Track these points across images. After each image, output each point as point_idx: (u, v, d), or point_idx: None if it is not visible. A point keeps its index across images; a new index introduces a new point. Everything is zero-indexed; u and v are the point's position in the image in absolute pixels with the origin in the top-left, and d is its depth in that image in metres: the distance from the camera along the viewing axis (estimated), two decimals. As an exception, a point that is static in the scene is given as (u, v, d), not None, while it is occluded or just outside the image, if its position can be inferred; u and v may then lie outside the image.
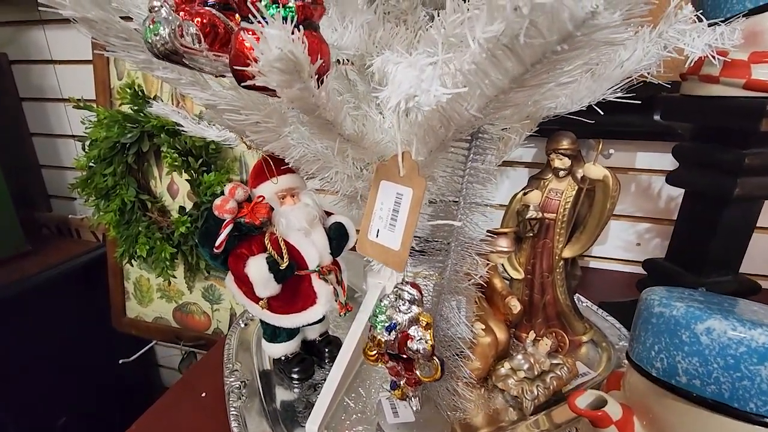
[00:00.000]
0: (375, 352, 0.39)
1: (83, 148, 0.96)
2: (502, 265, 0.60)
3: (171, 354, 1.27)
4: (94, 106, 0.95)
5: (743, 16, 0.46)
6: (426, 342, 0.36)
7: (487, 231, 0.51)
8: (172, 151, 0.88)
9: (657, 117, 0.68)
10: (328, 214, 0.58)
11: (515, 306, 0.54)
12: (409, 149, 0.33)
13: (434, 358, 0.37)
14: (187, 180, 0.92)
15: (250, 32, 0.26)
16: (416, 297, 0.37)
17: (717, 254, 0.57)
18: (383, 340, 0.37)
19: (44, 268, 1.05)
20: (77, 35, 1.06)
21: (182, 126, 0.60)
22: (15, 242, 1.08)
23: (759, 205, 0.56)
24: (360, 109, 0.58)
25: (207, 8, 0.31)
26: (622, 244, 0.88)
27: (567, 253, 0.58)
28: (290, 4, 0.26)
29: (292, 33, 0.22)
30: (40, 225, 1.28)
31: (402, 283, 0.37)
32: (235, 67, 0.27)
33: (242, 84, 0.28)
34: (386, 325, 0.37)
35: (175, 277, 1.04)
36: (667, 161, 0.79)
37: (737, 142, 0.51)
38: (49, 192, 1.29)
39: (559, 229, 0.57)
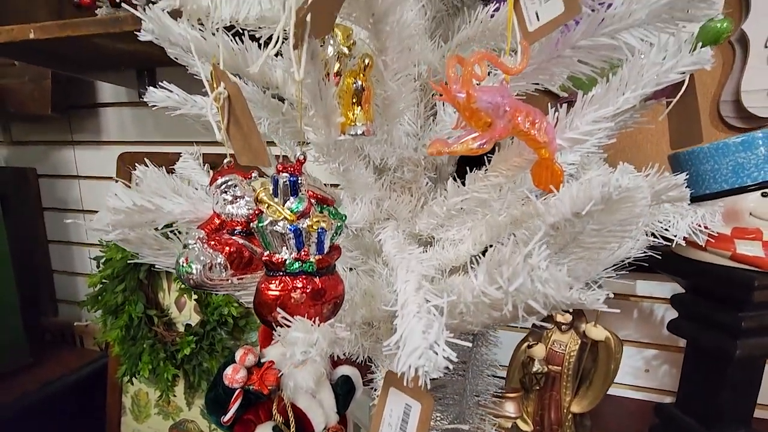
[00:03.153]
0: None
1: (98, 266, 0.99)
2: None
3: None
4: (113, 225, 0.99)
5: (721, 196, 0.50)
6: None
7: (494, 395, 0.51)
8: (184, 272, 0.91)
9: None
10: (334, 364, 0.59)
11: (525, 472, 0.52)
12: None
13: None
14: (195, 300, 0.94)
15: (274, 282, 0.29)
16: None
17: (726, 409, 0.57)
18: None
19: (44, 384, 1.04)
20: (105, 155, 1.14)
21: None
22: (18, 355, 1.08)
23: (763, 361, 0.57)
24: (367, 263, 0.61)
25: (234, 237, 0.34)
26: (630, 371, 0.86)
27: (576, 409, 0.57)
28: (311, 260, 0.29)
29: (313, 329, 0.24)
30: (44, 331, 1.28)
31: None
32: (258, 310, 0.30)
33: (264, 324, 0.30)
34: None
35: (175, 395, 1.02)
36: (667, 289, 0.81)
37: (733, 303, 0.53)
38: (58, 296, 1.30)
39: (565, 383, 0.57)
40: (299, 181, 0.29)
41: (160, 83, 0.46)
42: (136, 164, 1.05)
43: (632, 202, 0.34)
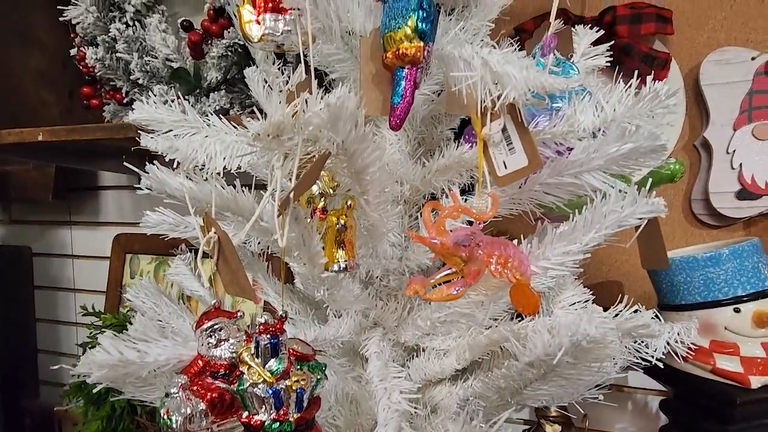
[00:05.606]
0: None
1: (83, 352, 0.97)
2: None
3: None
4: (102, 311, 0.99)
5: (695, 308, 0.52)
6: None
7: None
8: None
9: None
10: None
11: None
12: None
13: None
14: (181, 390, 0.92)
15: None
16: None
17: None
18: None
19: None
20: (101, 236, 1.16)
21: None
22: (-8, 447, 1.03)
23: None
24: (355, 370, 0.61)
25: (216, 382, 0.35)
26: (629, 467, 0.83)
27: None
28: (289, 419, 0.30)
29: None
30: (24, 414, 1.23)
31: None
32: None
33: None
34: None
35: (154, 493, 0.96)
36: (659, 380, 0.80)
37: (719, 416, 0.53)
38: (41, 377, 1.26)
39: (558, 498, 0.56)
40: (280, 342, 0.30)
41: (156, 208, 0.48)
42: (130, 253, 1.05)
43: (603, 344, 0.36)
